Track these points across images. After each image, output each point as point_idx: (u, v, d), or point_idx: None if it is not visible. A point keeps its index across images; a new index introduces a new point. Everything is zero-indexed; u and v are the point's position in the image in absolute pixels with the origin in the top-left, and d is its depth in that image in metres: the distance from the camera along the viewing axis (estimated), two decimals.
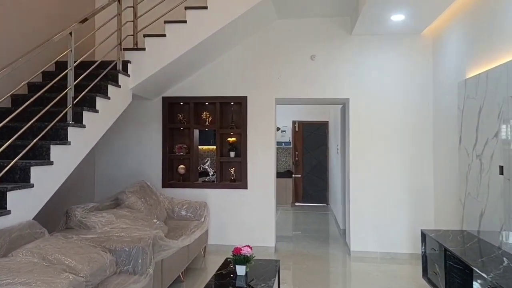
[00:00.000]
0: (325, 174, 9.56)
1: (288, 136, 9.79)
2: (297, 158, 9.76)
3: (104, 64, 4.36)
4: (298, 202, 9.68)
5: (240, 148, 5.67)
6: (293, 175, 9.69)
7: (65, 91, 3.68)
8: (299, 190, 9.74)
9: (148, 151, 5.75)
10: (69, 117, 3.70)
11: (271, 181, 5.61)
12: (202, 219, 5.10)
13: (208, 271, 4.76)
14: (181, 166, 5.75)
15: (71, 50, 3.72)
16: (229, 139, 5.75)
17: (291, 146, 9.81)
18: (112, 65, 4.47)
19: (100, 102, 4.15)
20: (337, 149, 7.02)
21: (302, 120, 9.67)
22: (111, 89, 4.36)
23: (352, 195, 5.42)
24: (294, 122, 9.73)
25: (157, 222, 4.21)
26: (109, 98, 4.30)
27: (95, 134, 4.10)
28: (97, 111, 4.08)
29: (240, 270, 3.27)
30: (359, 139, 5.42)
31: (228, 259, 3.54)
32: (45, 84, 3.93)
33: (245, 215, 5.58)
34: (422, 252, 4.02)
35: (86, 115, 3.93)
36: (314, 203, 9.57)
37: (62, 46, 3.79)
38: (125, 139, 5.80)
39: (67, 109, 3.68)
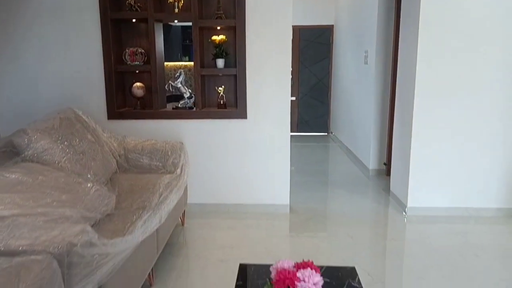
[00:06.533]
0: (326, 96, 7.54)
1: None
2: (291, 76, 7.62)
3: None
4: (293, 132, 7.74)
5: (235, 53, 3.49)
6: None
7: None
8: (293, 117, 7.75)
9: (80, 61, 3.46)
10: None
11: (285, 106, 3.57)
12: (178, 170, 3.09)
13: (190, 254, 2.85)
14: (138, 84, 3.54)
15: None
16: (214, 37, 3.52)
17: None
18: None
19: None
20: (365, 56, 4.91)
21: (298, 25, 7.33)
22: None
23: (415, 128, 3.45)
24: None
25: (93, 189, 2.15)
26: None
27: None
28: None
29: None
30: (435, 39, 3.34)
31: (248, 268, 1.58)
32: None
33: (244, 160, 3.57)
34: None
35: None
36: (312, 132, 7.67)
37: None
38: (41, 46, 3.45)
39: None
